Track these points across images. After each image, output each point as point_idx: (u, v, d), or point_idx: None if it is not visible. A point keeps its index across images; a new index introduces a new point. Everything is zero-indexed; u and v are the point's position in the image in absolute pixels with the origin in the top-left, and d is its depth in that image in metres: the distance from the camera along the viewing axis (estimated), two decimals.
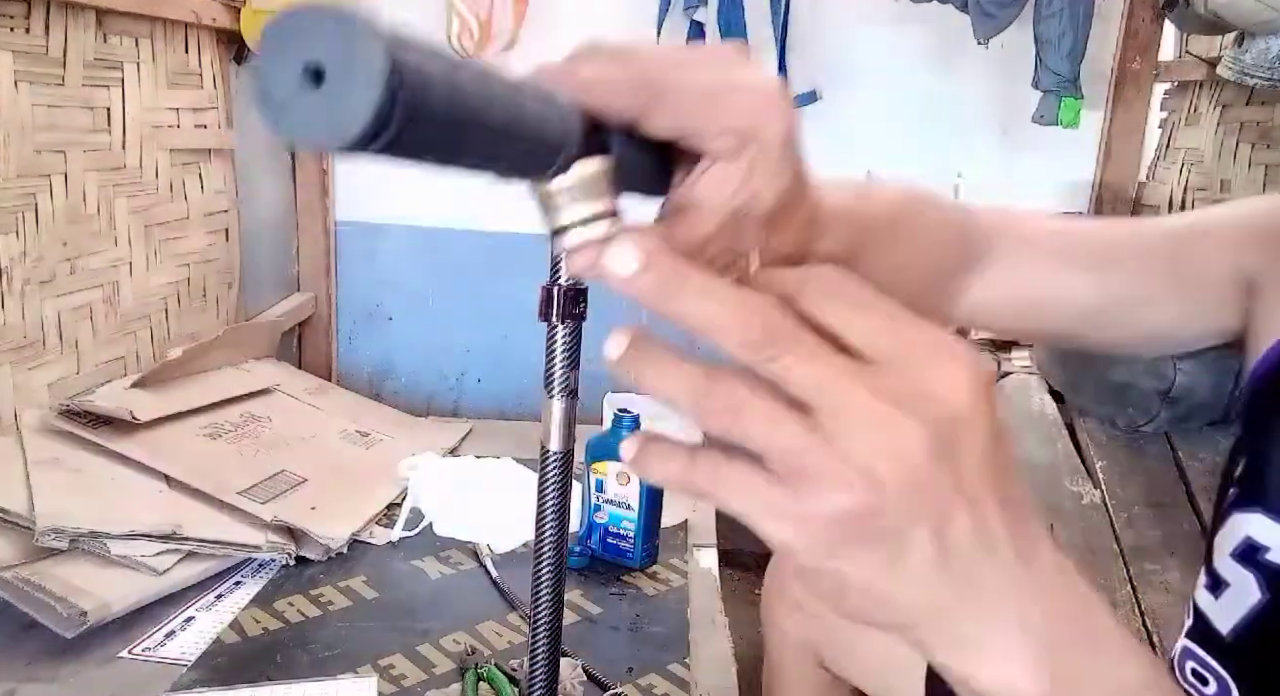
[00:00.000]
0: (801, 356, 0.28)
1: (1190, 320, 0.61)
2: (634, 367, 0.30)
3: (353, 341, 2.27)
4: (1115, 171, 2.17)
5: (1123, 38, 2.10)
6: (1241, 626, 0.54)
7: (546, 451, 0.50)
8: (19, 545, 1.06)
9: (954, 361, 0.29)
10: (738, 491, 0.29)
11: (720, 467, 0.30)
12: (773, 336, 0.28)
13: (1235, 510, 0.56)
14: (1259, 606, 0.53)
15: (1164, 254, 0.61)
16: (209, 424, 1.48)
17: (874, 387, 0.28)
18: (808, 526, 0.28)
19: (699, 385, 0.29)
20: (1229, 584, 0.55)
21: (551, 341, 0.47)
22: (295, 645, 1.07)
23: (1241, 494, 0.56)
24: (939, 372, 0.29)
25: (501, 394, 2.29)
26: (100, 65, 1.43)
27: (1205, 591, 0.57)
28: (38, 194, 1.31)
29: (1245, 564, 0.54)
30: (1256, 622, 0.53)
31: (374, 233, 2.20)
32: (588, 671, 1.02)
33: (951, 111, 2.17)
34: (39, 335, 1.32)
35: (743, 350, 0.28)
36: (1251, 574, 0.53)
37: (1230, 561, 0.55)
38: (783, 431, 0.28)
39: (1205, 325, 0.61)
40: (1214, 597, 0.56)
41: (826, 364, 0.28)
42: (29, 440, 1.23)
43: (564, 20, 2.06)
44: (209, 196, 1.74)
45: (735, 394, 0.28)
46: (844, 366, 0.28)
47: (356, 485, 1.46)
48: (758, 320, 0.28)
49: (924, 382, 0.28)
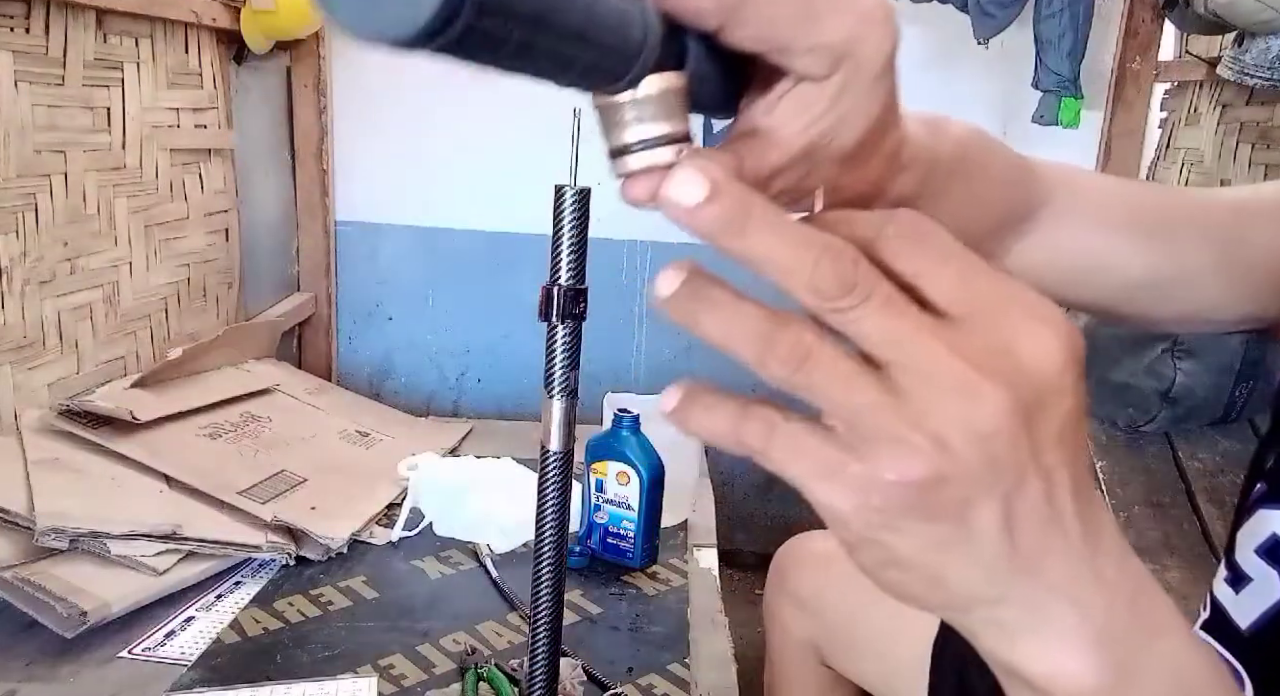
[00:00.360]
0: (876, 307, 0.25)
1: (1234, 302, 0.58)
2: (688, 306, 0.27)
3: (353, 341, 2.27)
4: (1115, 171, 2.17)
5: (1123, 38, 2.10)
6: (1262, 621, 0.54)
7: (546, 451, 0.50)
8: (19, 545, 1.06)
9: (1044, 324, 0.26)
10: (793, 450, 0.27)
11: (775, 422, 0.27)
12: (847, 283, 0.25)
13: (1263, 506, 0.55)
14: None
15: (1219, 230, 0.57)
16: (209, 424, 1.48)
17: (955, 346, 0.25)
18: (867, 493, 0.26)
19: (762, 328, 0.26)
20: (1251, 579, 0.54)
21: (551, 341, 0.47)
22: (295, 645, 1.07)
23: (1271, 490, 0.55)
24: (1027, 336, 0.26)
25: (501, 394, 2.29)
26: (100, 65, 1.43)
27: (1225, 585, 0.57)
28: (38, 194, 1.31)
29: (1270, 560, 0.53)
30: (1278, 619, 0.53)
31: (374, 233, 2.21)
32: (588, 671, 1.02)
33: (951, 111, 2.15)
34: (39, 335, 1.32)
35: (812, 296, 0.26)
36: (1276, 570, 0.53)
37: (1254, 557, 0.54)
38: (851, 385, 0.26)
39: (1248, 308, 0.58)
40: (1234, 592, 0.56)
41: (903, 317, 0.26)
42: (29, 440, 1.23)
43: None
44: (209, 196, 1.74)
45: (802, 340, 0.26)
46: (923, 321, 0.26)
47: (356, 485, 1.46)
48: (830, 264, 0.25)
49: (1011, 345, 0.26)
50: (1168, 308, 0.59)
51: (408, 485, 1.42)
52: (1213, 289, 0.58)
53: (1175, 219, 0.58)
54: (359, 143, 2.14)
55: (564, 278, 0.46)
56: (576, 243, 0.46)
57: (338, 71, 2.09)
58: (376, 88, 2.11)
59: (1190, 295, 0.58)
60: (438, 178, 2.17)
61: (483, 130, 2.13)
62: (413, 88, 2.10)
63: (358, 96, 2.11)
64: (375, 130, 2.14)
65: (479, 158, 2.15)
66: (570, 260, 0.46)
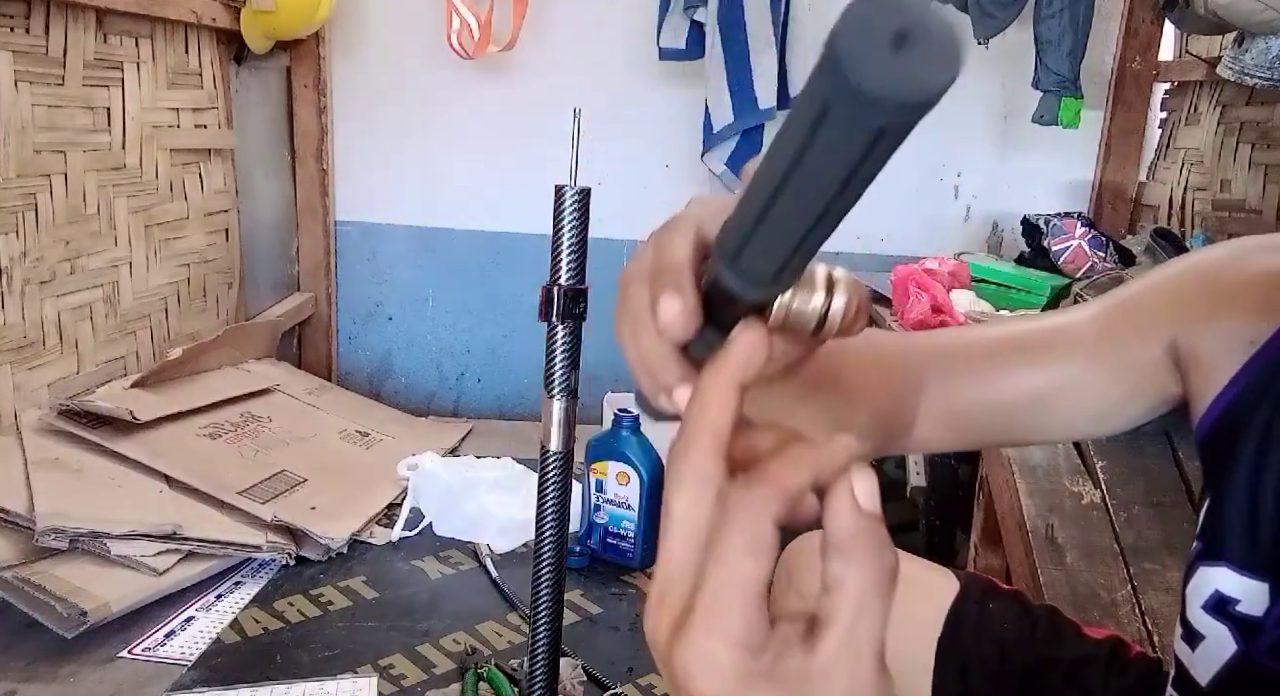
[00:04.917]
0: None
1: (1131, 399, 0.61)
2: None
3: (353, 341, 2.27)
4: (1115, 171, 2.17)
5: (1123, 38, 2.10)
6: (1220, 677, 0.54)
7: (546, 451, 0.50)
8: (19, 545, 1.06)
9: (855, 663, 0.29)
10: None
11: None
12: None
13: (1201, 563, 0.56)
14: (1234, 659, 0.53)
15: (1089, 341, 0.61)
16: (209, 424, 1.48)
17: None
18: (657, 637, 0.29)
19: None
20: (1204, 636, 0.55)
21: (551, 341, 0.47)
22: (295, 645, 1.07)
23: (1205, 547, 0.56)
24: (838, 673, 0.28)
25: (501, 394, 2.29)
26: (100, 65, 1.43)
27: (1182, 642, 0.57)
28: (38, 194, 1.31)
29: (1218, 616, 0.54)
30: (1234, 674, 0.53)
31: (374, 233, 2.20)
32: (588, 671, 1.02)
33: (951, 111, 2.17)
34: (39, 335, 1.32)
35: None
36: (1225, 626, 0.54)
37: (1202, 613, 0.55)
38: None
39: (1149, 400, 0.61)
40: (1191, 649, 0.56)
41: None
42: (29, 440, 1.23)
43: (564, 20, 2.06)
44: (209, 196, 1.74)
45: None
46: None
47: (356, 485, 1.46)
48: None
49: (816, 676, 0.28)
50: (1071, 415, 0.62)
51: (408, 485, 1.42)
52: (1109, 390, 0.61)
53: (1039, 341, 0.62)
54: (359, 142, 2.14)
55: (564, 278, 0.46)
56: (576, 243, 0.46)
57: (338, 71, 2.09)
58: (376, 88, 2.11)
59: (1088, 400, 0.61)
60: (438, 178, 2.17)
61: (483, 130, 2.13)
62: (413, 88, 2.10)
63: (358, 96, 2.11)
64: (375, 130, 2.14)
65: (479, 158, 2.15)
66: (570, 260, 0.46)
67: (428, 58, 2.04)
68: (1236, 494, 0.53)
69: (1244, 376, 0.54)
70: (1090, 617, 1.16)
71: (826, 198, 0.26)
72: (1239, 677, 0.53)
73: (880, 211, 2.21)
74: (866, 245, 2.23)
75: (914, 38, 0.22)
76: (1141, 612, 1.33)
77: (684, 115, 2.07)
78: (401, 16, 2.06)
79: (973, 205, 2.25)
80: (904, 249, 2.18)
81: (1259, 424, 0.52)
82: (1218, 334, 0.56)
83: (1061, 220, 1.99)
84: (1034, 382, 0.61)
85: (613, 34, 2.08)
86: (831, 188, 0.26)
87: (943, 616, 0.77)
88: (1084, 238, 1.94)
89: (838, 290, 0.33)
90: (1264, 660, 0.51)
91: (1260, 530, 0.52)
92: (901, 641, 0.32)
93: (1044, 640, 0.76)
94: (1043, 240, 1.98)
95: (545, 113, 2.05)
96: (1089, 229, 1.97)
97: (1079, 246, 1.93)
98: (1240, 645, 0.53)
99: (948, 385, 0.62)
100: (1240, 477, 0.53)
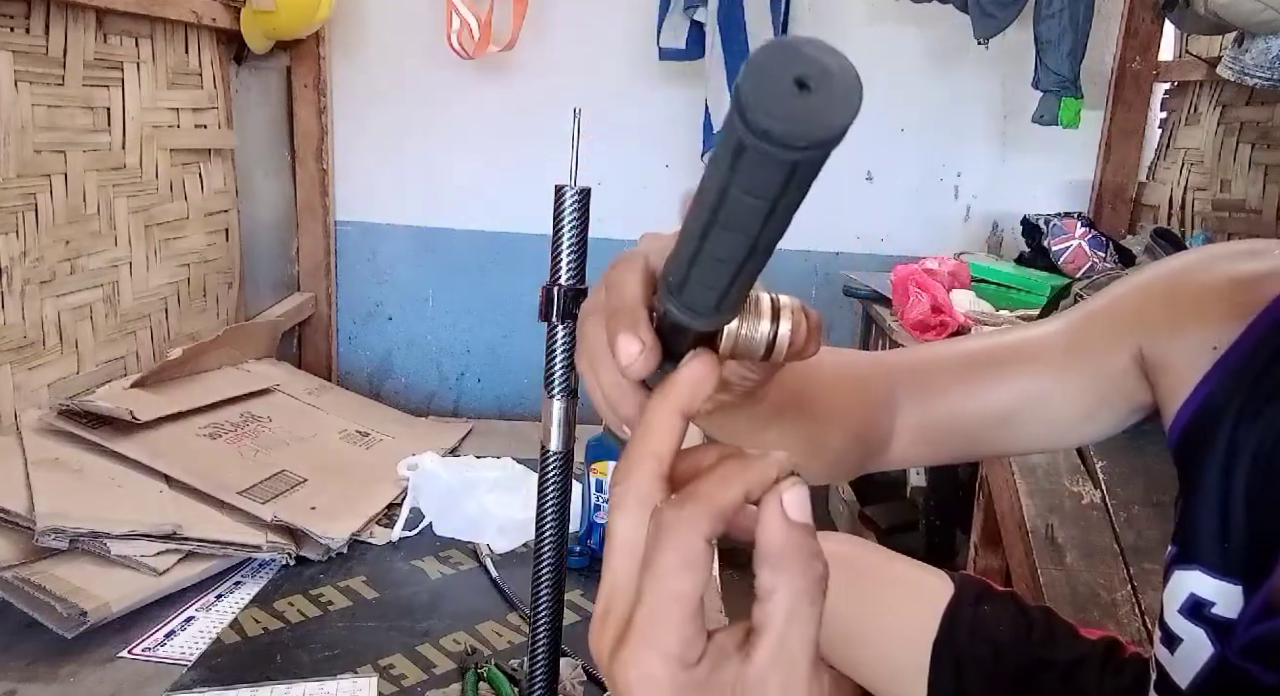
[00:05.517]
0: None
1: (1101, 408, 0.62)
2: None
3: (353, 341, 2.27)
4: (1115, 171, 2.17)
5: (1123, 38, 2.10)
6: (1199, 680, 0.54)
7: (546, 451, 0.50)
8: (19, 545, 1.06)
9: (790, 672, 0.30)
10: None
11: None
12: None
13: (1177, 567, 0.56)
14: (1212, 661, 0.53)
15: (1058, 353, 0.62)
16: (209, 424, 1.48)
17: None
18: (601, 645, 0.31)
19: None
20: (1182, 639, 0.55)
21: (551, 341, 0.47)
22: (295, 645, 1.07)
23: (1180, 551, 0.56)
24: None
25: (501, 394, 2.29)
26: (100, 65, 1.43)
27: (1162, 647, 0.58)
28: (38, 194, 1.31)
29: (1194, 619, 0.54)
30: (1212, 677, 0.54)
31: (374, 233, 2.21)
32: (588, 671, 1.02)
33: (951, 111, 2.17)
34: (39, 335, 1.32)
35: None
36: (1201, 629, 0.54)
37: (1179, 617, 0.55)
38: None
39: (1119, 410, 0.62)
40: (1170, 653, 0.57)
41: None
42: (29, 440, 1.23)
43: (564, 20, 2.06)
44: (209, 196, 1.74)
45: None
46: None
47: (356, 485, 1.46)
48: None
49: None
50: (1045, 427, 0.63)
51: (408, 485, 1.42)
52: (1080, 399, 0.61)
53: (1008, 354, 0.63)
54: (359, 142, 2.14)
55: (564, 278, 0.46)
56: (576, 243, 0.46)
57: (338, 71, 2.09)
58: (376, 88, 2.11)
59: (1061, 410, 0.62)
60: (438, 178, 2.17)
61: (482, 130, 2.13)
62: (413, 88, 2.10)
63: (358, 96, 2.11)
64: (375, 130, 2.14)
65: (479, 158, 2.15)
66: (570, 260, 0.46)
67: (428, 58, 2.04)
68: (1207, 498, 0.54)
69: (1209, 382, 0.54)
70: (1090, 617, 1.16)
71: (753, 230, 0.27)
72: (1217, 680, 0.53)
73: (880, 211, 2.21)
74: (866, 245, 2.23)
75: (814, 81, 0.24)
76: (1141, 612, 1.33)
77: (684, 115, 2.07)
78: (401, 16, 2.06)
79: (973, 205, 2.25)
80: (904, 249, 2.18)
81: (1226, 428, 0.53)
82: (1183, 340, 0.56)
83: (1061, 220, 1.99)
84: (1005, 396, 0.62)
85: (613, 34, 2.08)
86: (756, 221, 0.27)
87: (938, 618, 0.77)
88: (1084, 238, 1.94)
89: (783, 316, 0.35)
90: (1239, 662, 0.51)
91: (1231, 533, 0.53)
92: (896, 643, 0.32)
93: (1039, 641, 0.76)
94: (1043, 240, 1.98)
95: (545, 113, 2.05)
96: (1089, 229, 1.97)
97: (1079, 246, 1.93)
98: (1216, 647, 0.53)
99: (921, 402, 0.63)
100: (1210, 481, 0.53)
